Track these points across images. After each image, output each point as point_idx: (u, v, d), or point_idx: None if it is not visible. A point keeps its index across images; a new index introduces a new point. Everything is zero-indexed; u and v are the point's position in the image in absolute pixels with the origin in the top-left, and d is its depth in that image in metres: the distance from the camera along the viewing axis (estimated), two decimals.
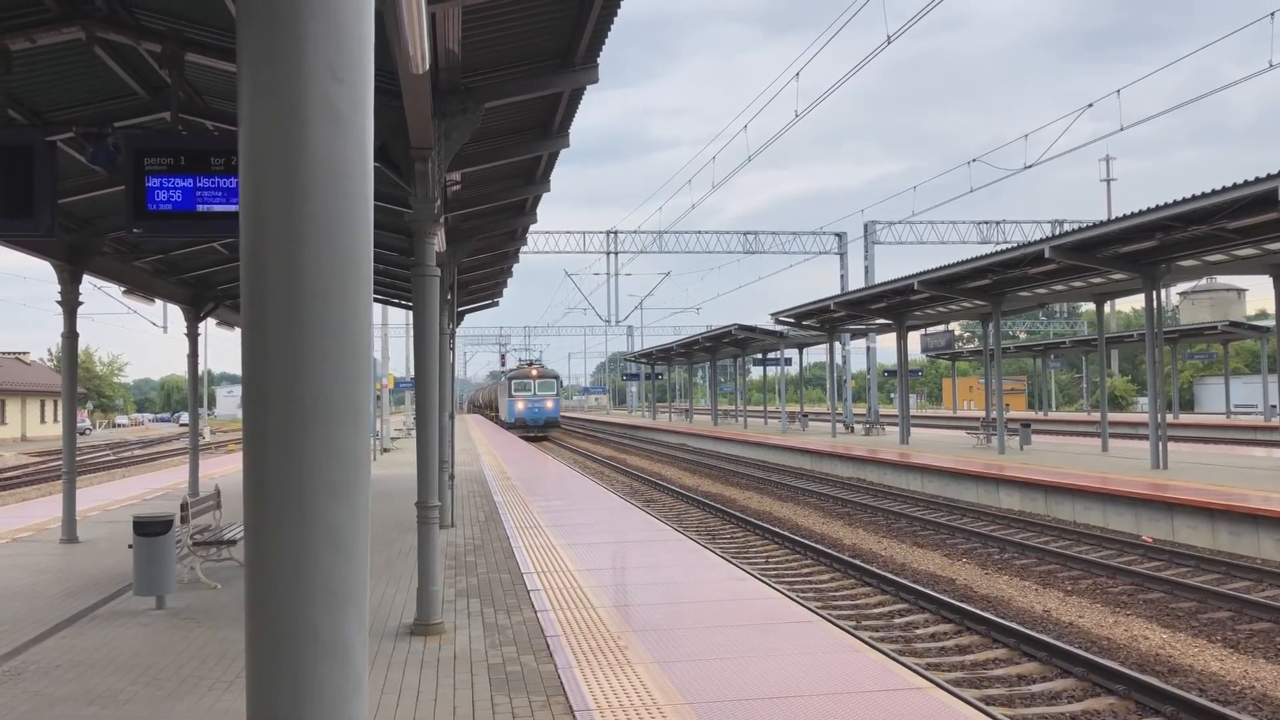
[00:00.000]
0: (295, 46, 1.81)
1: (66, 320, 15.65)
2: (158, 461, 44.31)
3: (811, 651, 8.45)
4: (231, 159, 8.56)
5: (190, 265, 19.45)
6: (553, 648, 8.75)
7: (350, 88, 1.86)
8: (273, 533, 1.77)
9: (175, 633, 9.70)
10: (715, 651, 8.49)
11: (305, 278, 1.81)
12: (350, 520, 1.81)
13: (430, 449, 10.04)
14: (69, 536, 15.54)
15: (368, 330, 1.90)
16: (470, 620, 9.96)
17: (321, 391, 1.81)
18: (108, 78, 10.40)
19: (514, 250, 22.63)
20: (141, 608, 10.69)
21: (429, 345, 10.15)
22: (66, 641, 9.41)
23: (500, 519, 17.93)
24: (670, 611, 10.15)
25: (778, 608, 10.23)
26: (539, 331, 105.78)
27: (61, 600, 11.21)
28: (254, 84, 1.85)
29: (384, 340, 48.14)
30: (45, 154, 8.70)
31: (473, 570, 12.76)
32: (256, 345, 1.83)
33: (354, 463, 1.83)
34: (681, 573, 12.38)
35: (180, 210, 8.56)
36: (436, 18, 8.01)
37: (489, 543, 15.09)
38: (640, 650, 8.58)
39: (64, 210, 12.96)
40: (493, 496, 22.06)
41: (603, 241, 60.29)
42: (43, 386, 74.85)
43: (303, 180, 1.83)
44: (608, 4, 9.13)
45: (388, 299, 27.29)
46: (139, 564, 10.54)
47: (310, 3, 1.83)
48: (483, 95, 10.12)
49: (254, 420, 1.82)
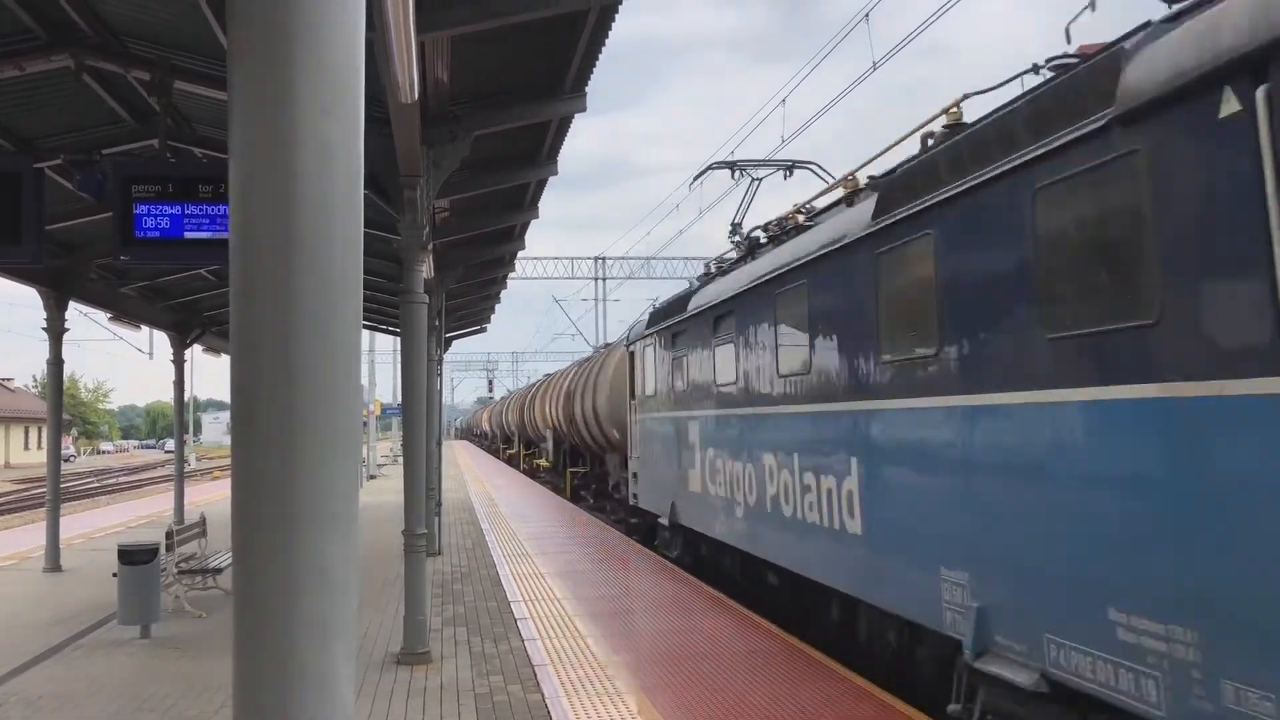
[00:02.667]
0: (286, 80, 1.82)
1: (52, 347, 15.59)
2: (143, 489, 43.99)
3: (794, 679, 8.43)
4: (219, 186, 8.57)
5: (177, 291, 19.41)
6: (540, 676, 8.70)
7: (340, 120, 1.87)
8: (261, 565, 1.77)
9: (160, 662, 9.61)
10: (704, 681, 8.45)
11: (295, 309, 1.81)
12: (339, 553, 1.80)
13: (417, 477, 10.01)
14: (53, 565, 15.41)
15: (358, 361, 1.91)
16: (458, 649, 9.90)
17: (312, 423, 1.81)
18: (96, 105, 10.41)
19: (502, 276, 22.67)
20: (126, 637, 10.59)
21: (417, 373, 10.14)
22: (50, 671, 9.32)
23: (487, 546, 17.85)
24: (659, 640, 10.10)
25: (767, 641, 10.19)
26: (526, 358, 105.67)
27: (45, 630, 11.10)
28: (245, 116, 1.86)
29: (371, 366, 48.09)
30: (33, 181, 8.69)
31: (460, 598, 12.69)
32: (247, 376, 1.83)
33: (344, 494, 1.83)
34: (671, 602, 12.33)
35: (168, 237, 8.56)
36: (426, 47, 8.05)
37: (476, 570, 15.02)
38: (628, 679, 8.54)
39: (51, 237, 12.94)
40: (480, 524, 21.97)
41: (591, 267, 60.44)
42: (27, 413, 74.37)
43: (293, 211, 1.83)
44: (595, 33, 9.20)
45: (375, 325, 27.28)
46: (124, 593, 10.45)
47: (301, 37, 1.84)
48: (471, 123, 10.17)
49: (244, 451, 1.82)
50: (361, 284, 1.93)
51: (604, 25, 9.07)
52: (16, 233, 8.63)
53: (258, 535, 1.79)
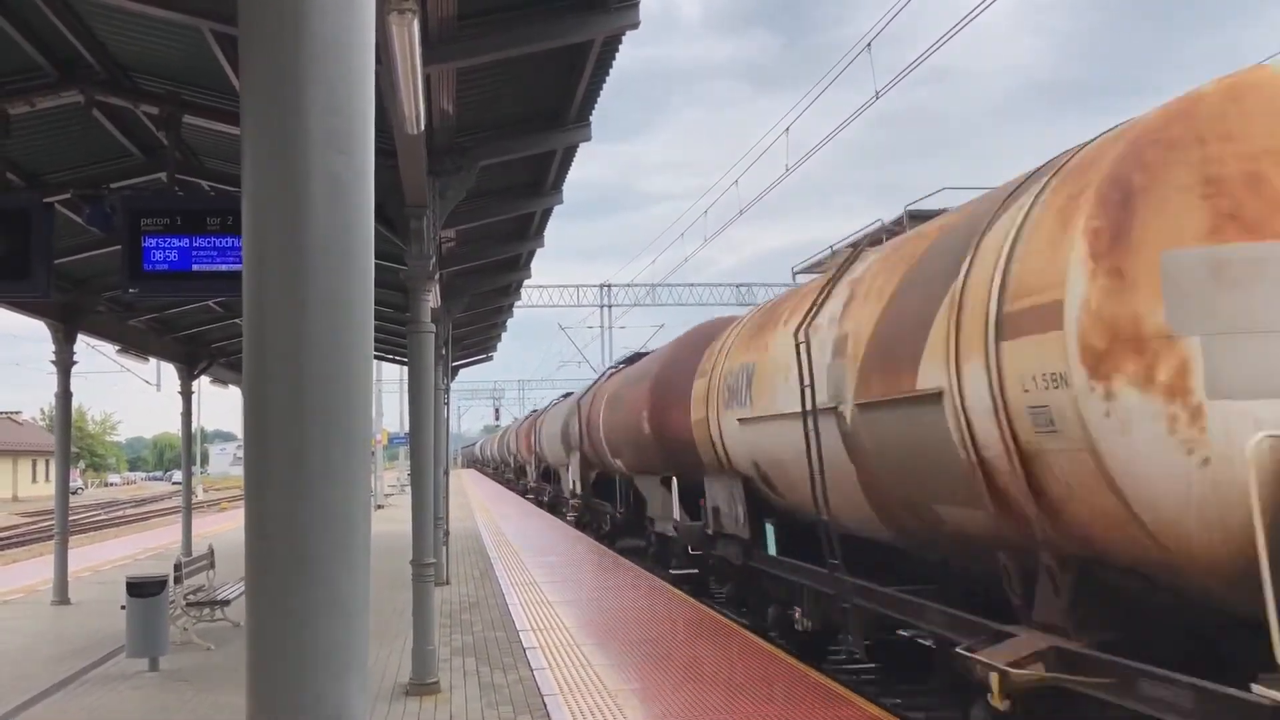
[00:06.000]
0: (297, 120, 1.85)
1: (60, 380, 15.63)
2: (150, 521, 43.95)
3: (809, 705, 8.38)
4: (227, 219, 8.62)
5: (185, 323, 19.48)
6: (549, 706, 8.66)
7: (350, 158, 1.91)
8: (275, 597, 1.78)
9: (169, 695, 9.58)
10: (715, 710, 8.40)
11: (307, 346, 1.84)
12: (352, 584, 1.82)
13: (425, 506, 10.01)
14: (60, 598, 15.39)
15: (369, 396, 1.93)
16: (466, 679, 9.86)
17: (324, 456, 1.82)
18: (104, 140, 10.50)
19: (508, 305, 22.72)
20: (134, 670, 10.56)
21: (424, 403, 10.16)
22: (57, 706, 9.30)
23: (495, 576, 17.81)
24: (670, 668, 10.05)
25: (775, 665, 10.14)
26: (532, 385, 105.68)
27: (53, 664, 11.08)
28: (256, 154, 1.90)
29: (378, 395, 48.16)
30: (42, 216, 8.76)
31: (468, 628, 12.65)
32: (259, 411, 1.85)
33: (355, 527, 1.85)
34: (682, 627, 12.28)
35: (176, 270, 8.61)
36: (431, 79, 8.12)
37: (484, 600, 14.98)
38: (638, 708, 8.50)
39: (59, 270, 13.00)
40: (487, 553, 21.92)
41: (596, 295, 60.54)
42: (34, 446, 74.44)
43: (304, 248, 1.86)
44: (600, 65, 9.28)
45: (381, 355, 27.33)
46: (132, 625, 10.43)
47: (311, 77, 1.87)
48: (477, 154, 10.23)
49: (257, 485, 1.84)
50: (372, 322, 1.95)
51: (608, 56, 9.14)
52: (26, 267, 8.69)
53: (271, 567, 1.81)
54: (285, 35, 1.87)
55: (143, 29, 8.29)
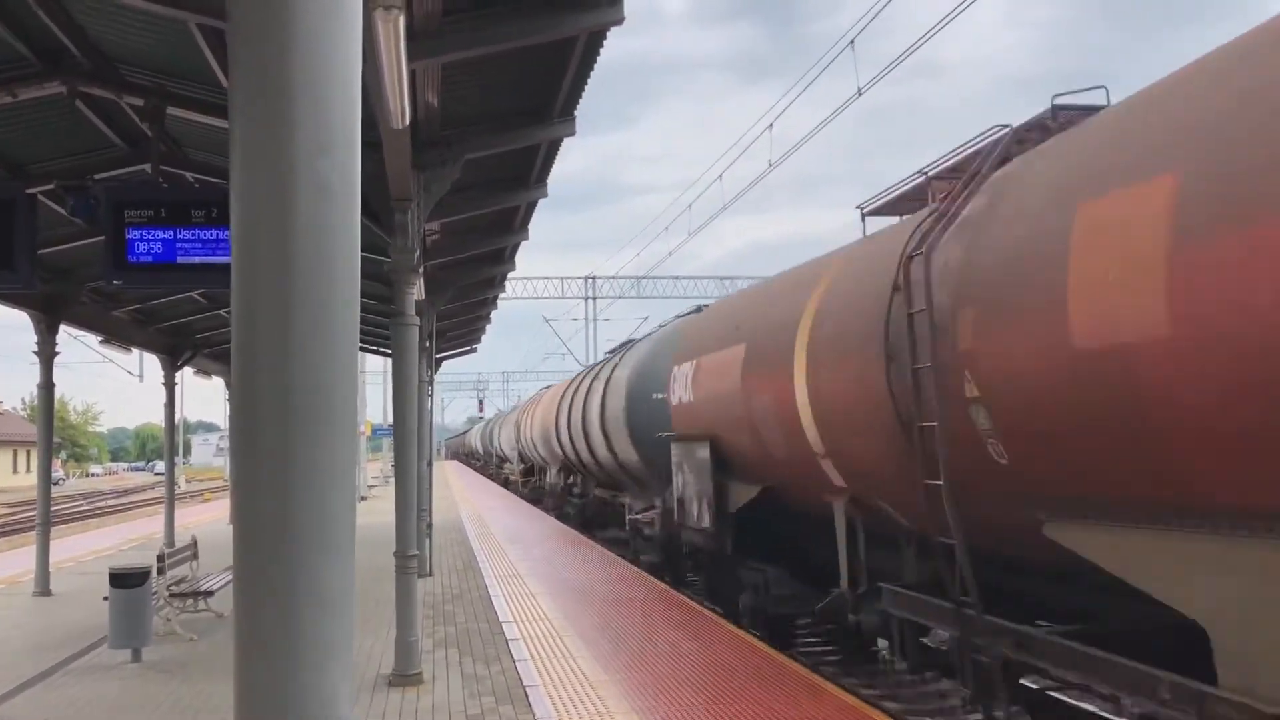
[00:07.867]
0: (285, 122, 1.90)
1: (43, 371, 15.58)
2: (132, 511, 43.76)
3: (792, 699, 8.46)
4: (211, 211, 8.62)
5: (168, 314, 19.42)
6: (532, 698, 8.72)
7: (337, 159, 1.95)
8: (262, 589, 1.83)
9: (152, 686, 9.60)
10: (698, 702, 8.48)
11: (293, 341, 1.88)
12: (337, 575, 1.87)
13: (409, 498, 10.04)
14: (42, 589, 15.35)
15: (354, 389, 1.97)
16: (449, 670, 9.91)
17: (310, 449, 1.87)
18: (88, 131, 10.47)
19: (493, 297, 22.72)
20: (117, 661, 10.57)
21: (408, 395, 10.19)
22: (39, 697, 9.30)
23: (478, 568, 17.84)
24: (652, 660, 10.12)
25: (763, 660, 10.23)
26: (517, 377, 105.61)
27: (34, 654, 11.07)
28: (245, 155, 1.94)
29: (361, 387, 48.03)
30: (25, 207, 8.74)
31: (451, 619, 12.69)
32: (247, 405, 1.89)
33: (340, 520, 1.90)
34: (665, 621, 12.34)
35: (160, 262, 8.61)
36: (417, 73, 8.14)
37: (467, 591, 15.02)
38: (620, 699, 8.56)
39: (42, 261, 12.95)
40: (471, 545, 21.95)
41: (581, 287, 60.54)
42: (15, 436, 73.95)
43: (292, 241, 1.90)
44: (584, 59, 9.31)
45: (365, 347, 27.27)
46: (114, 616, 10.44)
47: (299, 73, 1.91)
48: (462, 148, 10.25)
49: (244, 477, 1.88)
50: (358, 318, 2.00)
51: (593, 51, 9.17)
52: (9, 258, 8.67)
53: (258, 559, 1.85)
54: (273, 32, 1.91)
55: (127, 21, 8.28)
